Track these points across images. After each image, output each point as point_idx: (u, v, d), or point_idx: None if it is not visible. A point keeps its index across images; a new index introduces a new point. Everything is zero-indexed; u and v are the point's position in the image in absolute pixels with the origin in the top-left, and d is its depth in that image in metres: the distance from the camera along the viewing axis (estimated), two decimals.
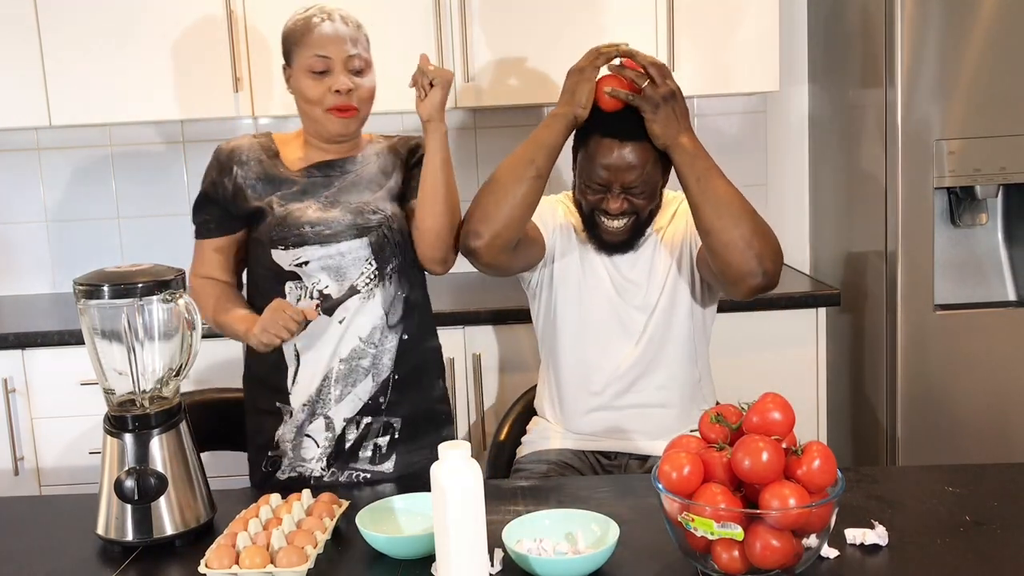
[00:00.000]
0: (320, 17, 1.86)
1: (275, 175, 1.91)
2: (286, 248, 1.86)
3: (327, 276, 1.87)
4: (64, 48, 2.79)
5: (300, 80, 1.87)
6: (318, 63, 1.84)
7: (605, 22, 2.81)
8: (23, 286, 3.25)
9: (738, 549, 1.27)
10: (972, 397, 2.67)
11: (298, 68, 1.87)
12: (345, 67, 1.85)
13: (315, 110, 1.87)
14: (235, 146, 1.94)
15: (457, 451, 1.28)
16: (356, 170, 1.95)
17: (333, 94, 1.84)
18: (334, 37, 1.85)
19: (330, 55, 1.84)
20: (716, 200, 1.81)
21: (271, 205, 1.88)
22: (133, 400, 1.55)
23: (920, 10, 2.53)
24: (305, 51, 1.85)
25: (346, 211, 1.89)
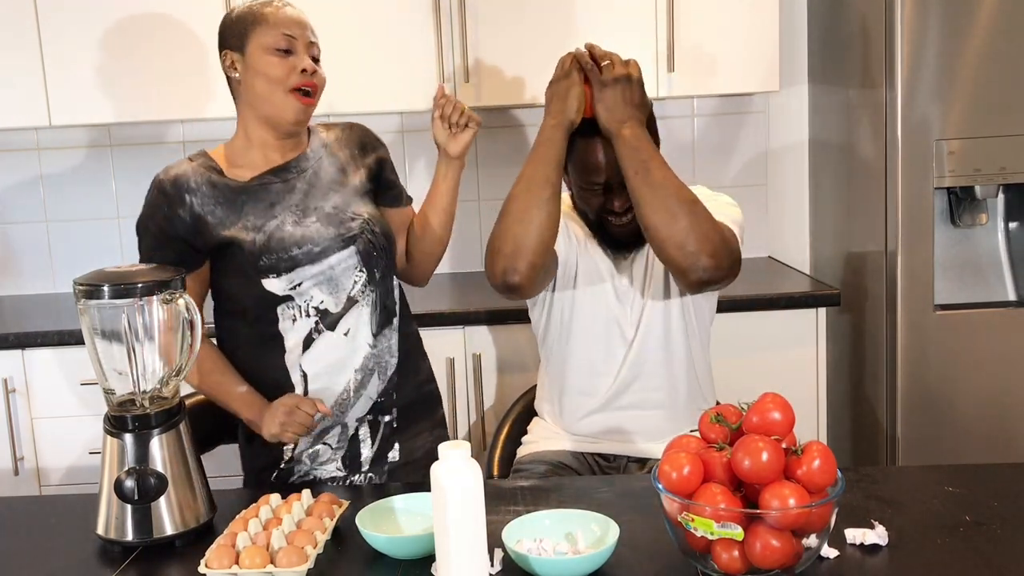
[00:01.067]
0: (280, 2, 1.85)
1: (231, 195, 1.82)
2: (279, 275, 1.81)
3: (320, 291, 1.84)
4: (64, 48, 2.79)
5: (260, 59, 1.80)
6: (283, 41, 1.80)
7: (605, 22, 2.81)
8: (23, 286, 3.25)
9: (738, 549, 1.27)
10: (972, 397, 2.67)
11: (257, 48, 1.81)
12: (307, 50, 1.84)
13: (276, 92, 1.81)
14: (177, 174, 1.83)
15: (457, 451, 1.28)
16: (312, 167, 1.90)
17: (299, 73, 1.80)
18: (298, 20, 1.84)
19: (295, 35, 1.82)
20: (652, 196, 1.79)
21: (243, 232, 1.80)
22: (133, 400, 1.55)
23: (920, 10, 2.53)
24: (269, 30, 1.80)
25: (326, 222, 1.85)
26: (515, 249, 1.82)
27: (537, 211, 1.82)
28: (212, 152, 1.90)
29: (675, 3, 2.80)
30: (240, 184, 1.84)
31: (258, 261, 1.80)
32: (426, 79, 2.82)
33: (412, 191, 2.06)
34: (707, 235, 1.79)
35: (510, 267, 1.83)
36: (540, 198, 1.83)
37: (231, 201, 1.82)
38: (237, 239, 1.80)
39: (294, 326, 1.84)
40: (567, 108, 1.86)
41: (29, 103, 2.81)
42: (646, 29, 2.82)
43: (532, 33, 2.81)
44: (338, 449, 1.92)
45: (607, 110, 1.84)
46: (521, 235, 1.82)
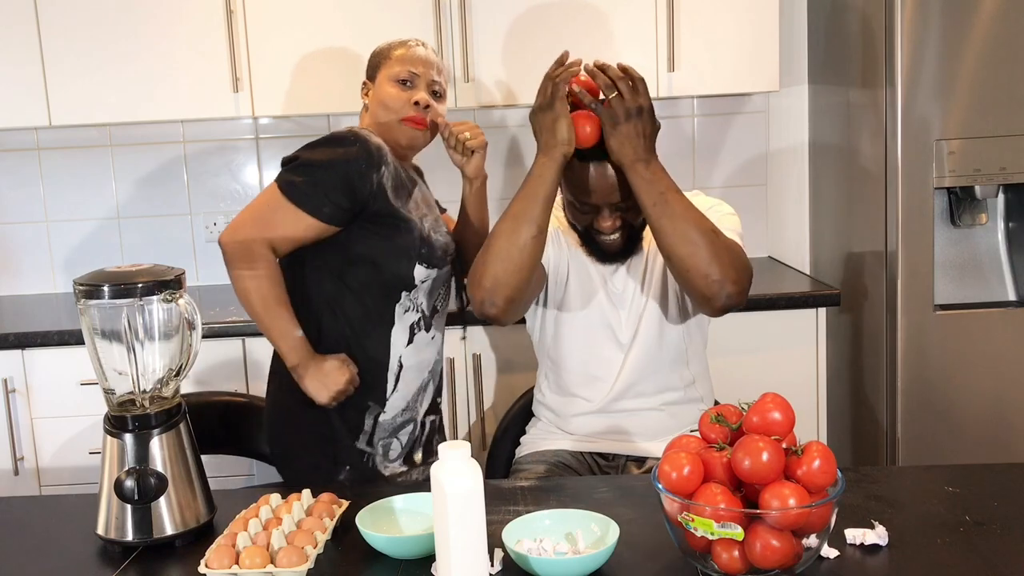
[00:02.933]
0: (416, 43, 2.05)
1: (399, 181, 1.97)
2: (428, 267, 1.99)
3: (424, 296, 2.03)
4: (64, 48, 2.79)
5: (383, 88, 2.00)
6: (405, 74, 1.99)
7: (605, 22, 2.81)
8: (23, 286, 3.25)
9: (738, 549, 1.27)
10: (972, 397, 2.67)
11: (384, 78, 2.01)
12: (428, 87, 2.01)
13: (392, 118, 1.98)
14: (379, 144, 1.94)
15: (457, 451, 1.28)
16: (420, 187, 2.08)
17: (412, 105, 1.97)
18: (425, 59, 2.02)
19: (418, 72, 2.00)
20: (672, 227, 1.77)
21: (412, 216, 1.97)
22: (133, 400, 1.55)
23: (920, 10, 2.53)
24: (396, 64, 2.00)
25: (446, 236, 2.05)
26: (494, 285, 1.82)
27: (519, 252, 1.80)
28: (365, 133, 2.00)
29: (675, 3, 2.80)
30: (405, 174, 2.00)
31: (422, 247, 1.96)
32: None
33: None
34: (730, 262, 1.79)
35: (488, 300, 1.83)
36: (524, 238, 1.80)
37: (400, 185, 1.97)
38: (412, 220, 1.96)
39: (404, 315, 2.00)
40: (557, 141, 1.79)
41: (29, 103, 2.81)
42: (646, 29, 2.82)
43: (532, 33, 2.81)
44: (407, 445, 2.05)
45: (619, 145, 1.78)
46: (501, 273, 1.81)
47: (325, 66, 2.82)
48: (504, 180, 3.22)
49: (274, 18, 2.80)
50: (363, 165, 1.89)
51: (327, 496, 1.59)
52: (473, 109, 3.05)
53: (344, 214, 1.89)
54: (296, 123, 3.19)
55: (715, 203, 2.00)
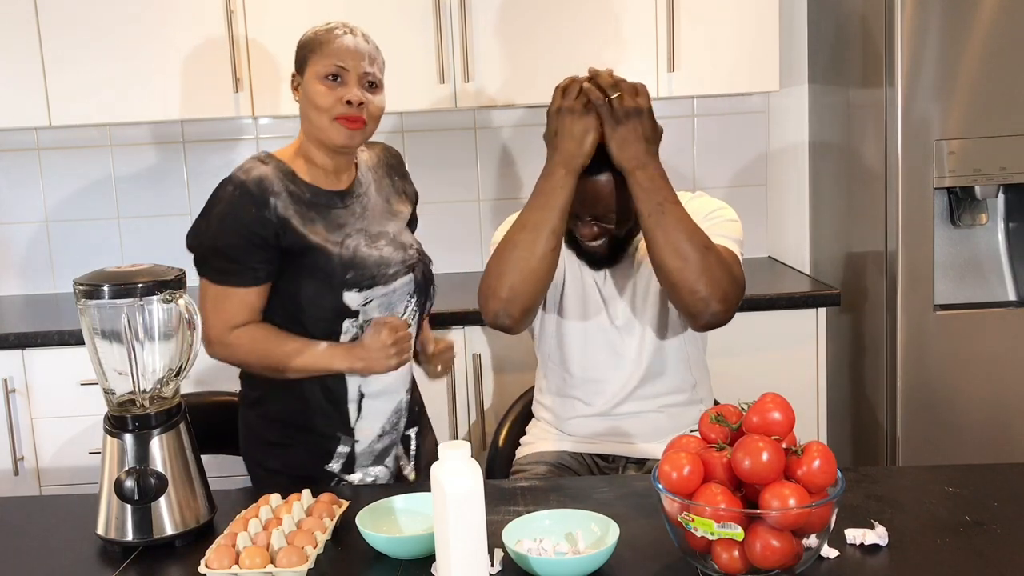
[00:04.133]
0: (343, 30, 1.85)
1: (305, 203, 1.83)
2: (360, 290, 1.84)
3: (380, 311, 1.88)
4: (64, 48, 2.79)
5: (312, 86, 1.82)
6: (332, 69, 1.81)
7: (605, 22, 2.81)
8: (23, 286, 3.25)
9: (738, 549, 1.27)
10: (972, 397, 2.67)
11: (311, 74, 1.83)
12: (359, 81, 1.83)
13: (322, 118, 1.82)
14: (259, 175, 1.80)
15: (457, 451, 1.28)
16: (364, 193, 1.93)
17: (344, 104, 1.80)
18: (354, 50, 1.83)
19: (347, 66, 1.82)
20: (665, 239, 1.75)
21: (327, 243, 1.82)
22: (133, 400, 1.55)
23: (920, 10, 2.53)
24: (322, 59, 1.82)
25: (394, 247, 1.91)
26: (511, 296, 1.80)
27: (539, 262, 1.79)
28: (280, 154, 1.89)
29: (675, 3, 2.80)
30: (314, 196, 1.85)
31: (345, 274, 1.83)
32: (426, 79, 2.82)
33: None
34: (719, 280, 1.76)
35: (504, 311, 1.82)
36: (543, 249, 1.78)
37: (307, 209, 1.83)
38: (324, 247, 1.82)
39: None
40: (582, 153, 1.76)
41: (29, 103, 2.81)
42: (646, 29, 2.82)
43: (532, 33, 2.81)
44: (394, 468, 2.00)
45: (620, 148, 1.76)
46: (519, 284, 1.80)
47: None
48: (502, 181, 3.22)
49: (274, 18, 2.80)
50: (253, 209, 1.77)
51: (327, 496, 1.59)
52: (473, 109, 3.05)
53: (272, 263, 1.80)
54: (296, 123, 3.18)
55: (719, 207, 1.98)
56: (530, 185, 3.40)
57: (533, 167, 3.20)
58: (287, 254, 1.81)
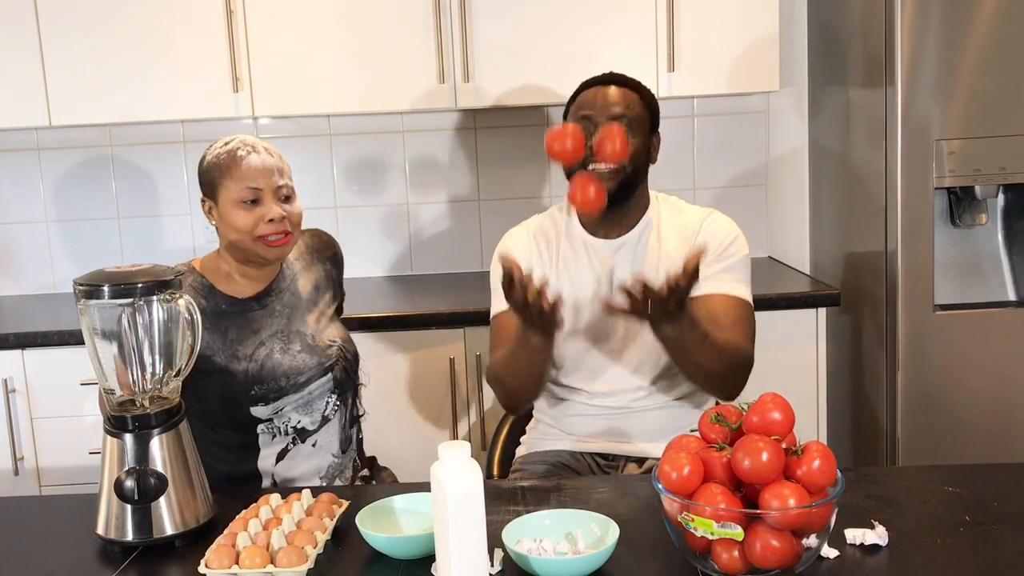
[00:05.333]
0: (245, 150, 1.85)
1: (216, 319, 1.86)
2: (267, 404, 1.88)
3: (298, 413, 1.91)
4: (64, 48, 2.79)
5: (229, 212, 1.84)
6: (248, 194, 1.83)
7: (605, 23, 2.81)
8: (23, 286, 3.25)
9: (738, 549, 1.27)
10: (972, 397, 2.67)
11: (226, 200, 1.85)
12: (275, 196, 1.85)
13: (246, 239, 1.84)
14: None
15: (457, 451, 1.28)
16: (288, 287, 1.96)
17: (267, 223, 1.83)
18: (262, 169, 1.84)
19: (260, 186, 1.83)
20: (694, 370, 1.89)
21: (235, 361, 1.85)
22: (133, 400, 1.55)
23: (920, 10, 2.53)
24: (234, 183, 1.83)
25: (309, 351, 1.91)
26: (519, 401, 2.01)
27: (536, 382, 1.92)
28: (200, 264, 1.93)
29: (675, 3, 2.80)
30: (229, 306, 1.89)
31: (249, 391, 1.86)
32: (426, 79, 2.82)
33: (411, 191, 2.07)
34: (734, 378, 1.91)
35: (515, 407, 2.05)
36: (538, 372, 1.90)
37: (216, 325, 1.87)
38: (230, 368, 1.86)
39: (272, 442, 1.91)
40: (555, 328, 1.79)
41: (29, 103, 2.81)
42: (646, 29, 2.82)
43: (532, 33, 2.81)
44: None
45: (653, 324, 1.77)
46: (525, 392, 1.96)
47: (325, 66, 2.82)
48: (502, 181, 3.22)
49: (274, 18, 2.80)
50: None
51: (327, 496, 1.59)
52: (473, 109, 3.05)
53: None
54: (296, 123, 3.19)
55: (732, 238, 1.98)
56: (530, 185, 3.41)
57: (533, 167, 3.21)
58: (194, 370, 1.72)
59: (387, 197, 3.21)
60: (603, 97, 1.94)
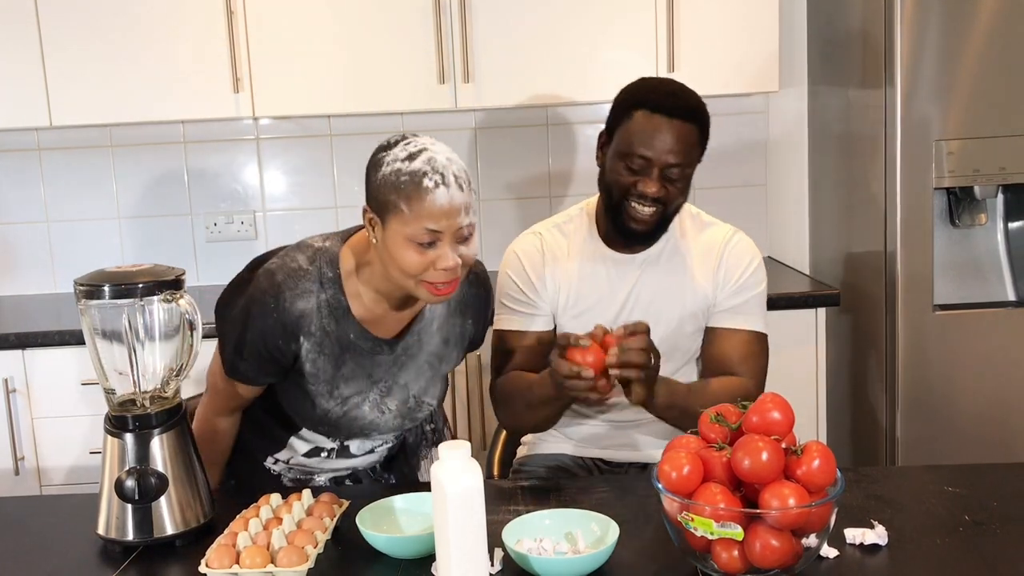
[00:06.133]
0: (433, 179, 1.53)
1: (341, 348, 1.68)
2: (329, 436, 1.80)
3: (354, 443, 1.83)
4: (64, 48, 2.79)
5: (397, 246, 1.56)
6: (426, 236, 1.54)
7: (605, 23, 2.81)
8: (23, 286, 3.25)
9: (738, 549, 1.27)
10: (972, 397, 2.67)
11: (396, 232, 1.55)
12: (454, 238, 1.56)
13: (409, 281, 1.59)
14: (303, 310, 1.63)
15: (457, 451, 1.28)
16: (419, 332, 1.74)
17: (437, 271, 1.56)
18: (449, 209, 1.54)
19: (442, 228, 1.54)
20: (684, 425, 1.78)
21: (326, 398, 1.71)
22: (134, 400, 1.55)
23: (920, 10, 2.53)
24: (413, 220, 1.53)
25: (397, 412, 1.77)
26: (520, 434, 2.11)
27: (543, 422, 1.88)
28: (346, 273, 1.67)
29: (675, 3, 2.80)
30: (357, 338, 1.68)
31: (322, 423, 1.75)
32: (426, 79, 2.82)
33: None
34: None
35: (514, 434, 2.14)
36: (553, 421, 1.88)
37: (336, 355, 1.68)
38: (317, 400, 1.71)
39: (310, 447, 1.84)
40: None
41: (29, 103, 2.81)
42: (646, 29, 2.82)
43: (532, 34, 2.81)
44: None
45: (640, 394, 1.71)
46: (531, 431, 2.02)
47: (325, 66, 2.82)
48: (502, 181, 3.22)
49: (274, 18, 2.80)
50: (279, 340, 1.64)
51: (327, 496, 1.59)
52: (473, 109, 3.05)
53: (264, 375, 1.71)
54: (296, 123, 3.19)
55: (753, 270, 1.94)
56: (530, 185, 3.41)
57: (533, 167, 3.21)
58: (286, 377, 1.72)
59: None
60: (664, 138, 1.79)
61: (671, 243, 1.94)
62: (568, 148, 3.21)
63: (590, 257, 1.94)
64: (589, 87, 2.82)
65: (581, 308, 1.92)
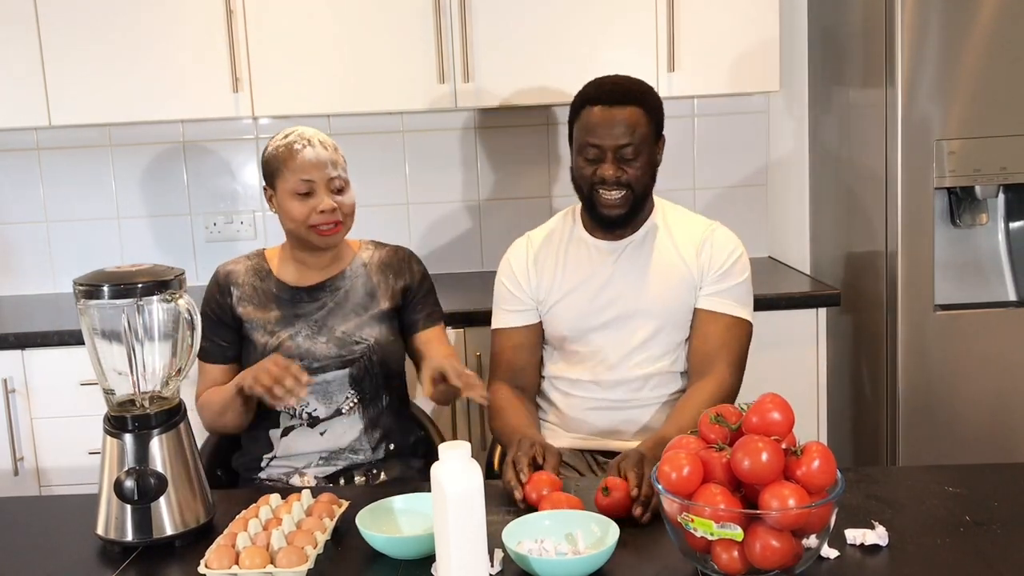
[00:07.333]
0: (301, 144, 1.96)
1: (265, 298, 2.03)
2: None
3: (315, 400, 1.99)
4: (64, 48, 2.79)
5: (285, 202, 1.97)
6: (302, 186, 1.95)
7: (605, 23, 2.81)
8: (23, 286, 3.25)
9: (738, 549, 1.27)
10: (972, 397, 2.67)
11: (283, 191, 1.97)
12: (327, 188, 1.96)
13: (300, 228, 1.97)
14: (229, 270, 2.06)
15: (457, 451, 1.28)
16: (344, 288, 2.05)
17: (318, 214, 1.94)
18: (316, 162, 1.95)
19: (313, 179, 1.95)
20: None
21: (261, 333, 1.99)
22: (133, 400, 1.55)
23: (920, 10, 2.53)
24: (289, 176, 1.95)
25: (331, 342, 2.00)
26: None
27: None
28: (269, 251, 2.10)
29: (675, 3, 2.80)
30: (279, 291, 2.03)
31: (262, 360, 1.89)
32: (426, 79, 2.82)
33: (411, 191, 2.07)
34: None
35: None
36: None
37: (263, 303, 2.02)
38: (252, 337, 2.00)
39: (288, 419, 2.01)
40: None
41: (29, 103, 2.81)
42: (646, 29, 2.82)
43: (532, 33, 2.81)
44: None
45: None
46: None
47: (325, 66, 2.82)
48: (502, 181, 3.22)
49: (274, 18, 2.80)
50: (218, 296, 2.03)
51: (327, 496, 1.59)
52: (473, 109, 3.05)
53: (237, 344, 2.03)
54: (296, 123, 3.18)
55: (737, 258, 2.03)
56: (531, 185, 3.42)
57: (533, 167, 3.21)
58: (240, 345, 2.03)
59: (387, 197, 3.21)
60: (608, 124, 1.94)
61: (654, 228, 2.06)
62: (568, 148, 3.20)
63: (575, 246, 2.08)
64: None
65: (566, 290, 2.05)
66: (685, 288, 2.01)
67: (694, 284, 2.02)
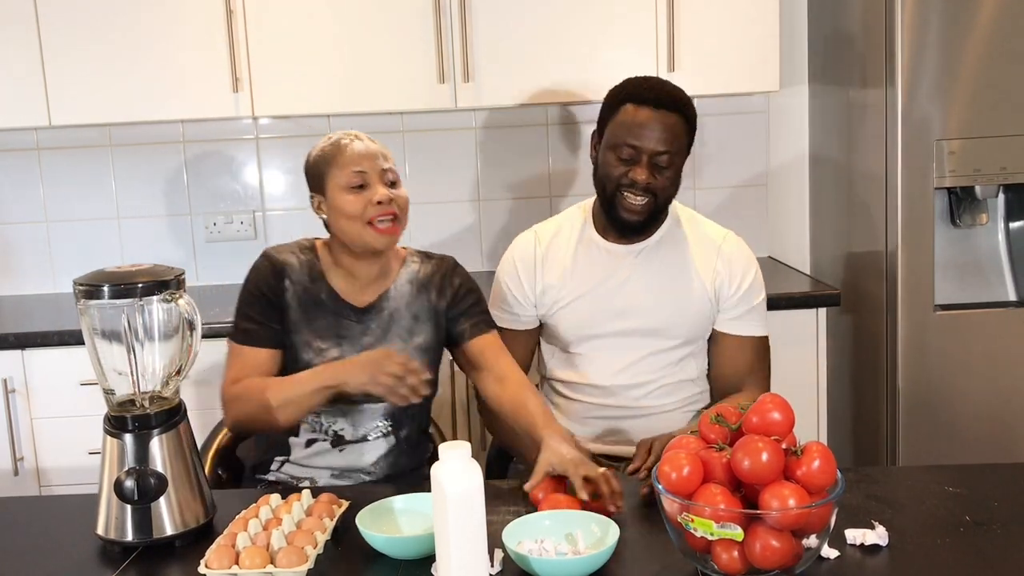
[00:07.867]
0: (348, 139, 1.88)
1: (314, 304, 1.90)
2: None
3: (344, 421, 1.91)
4: (64, 48, 2.79)
5: (337, 197, 1.85)
6: (356, 178, 1.84)
7: (605, 23, 2.81)
8: (23, 286, 3.25)
9: (738, 549, 1.27)
10: (972, 397, 2.67)
11: (334, 188, 1.85)
12: (381, 179, 1.86)
13: (355, 225, 1.84)
14: (287, 260, 1.92)
15: (457, 451, 1.28)
16: (388, 310, 1.92)
17: (375, 205, 1.83)
18: (367, 153, 1.86)
19: (366, 169, 1.85)
20: None
21: (307, 348, 1.88)
22: (133, 400, 1.55)
23: (920, 10, 2.53)
24: (340, 170, 1.85)
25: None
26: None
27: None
28: (320, 245, 1.96)
29: (675, 3, 2.80)
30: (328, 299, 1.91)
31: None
32: (426, 79, 2.82)
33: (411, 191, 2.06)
34: None
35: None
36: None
37: (309, 309, 1.90)
38: (297, 348, 1.88)
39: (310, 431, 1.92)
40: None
41: (29, 103, 2.81)
42: (646, 29, 2.82)
43: (532, 33, 2.81)
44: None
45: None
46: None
47: (325, 66, 2.82)
48: (502, 181, 3.22)
49: (274, 18, 2.80)
50: (271, 280, 1.89)
51: (327, 496, 1.59)
52: (473, 109, 3.05)
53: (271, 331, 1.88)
54: (296, 123, 3.19)
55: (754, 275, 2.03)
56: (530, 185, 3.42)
57: (533, 167, 3.21)
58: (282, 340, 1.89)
59: None
60: (651, 126, 1.88)
61: (668, 234, 2.03)
62: (568, 148, 3.21)
63: (585, 248, 2.04)
64: (589, 87, 2.82)
65: (573, 294, 2.01)
66: (696, 297, 2.00)
67: (706, 294, 2.00)
